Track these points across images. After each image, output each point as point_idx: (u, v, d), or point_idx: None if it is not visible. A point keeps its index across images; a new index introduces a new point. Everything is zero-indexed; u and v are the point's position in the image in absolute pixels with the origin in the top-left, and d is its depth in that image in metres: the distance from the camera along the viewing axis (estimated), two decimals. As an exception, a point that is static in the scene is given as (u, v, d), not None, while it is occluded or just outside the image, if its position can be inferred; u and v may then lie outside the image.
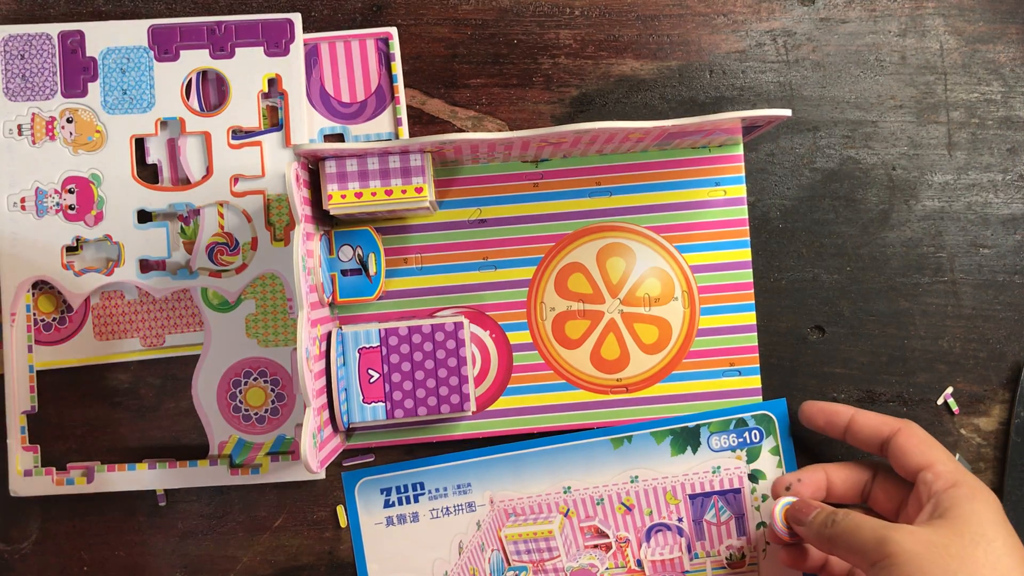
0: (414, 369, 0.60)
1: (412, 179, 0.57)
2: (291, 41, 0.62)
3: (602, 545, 0.63)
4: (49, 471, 0.61)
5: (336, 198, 0.57)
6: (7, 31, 0.61)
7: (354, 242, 0.62)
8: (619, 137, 0.58)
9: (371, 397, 0.59)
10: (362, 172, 0.57)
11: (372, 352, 0.60)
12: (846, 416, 0.59)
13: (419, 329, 0.60)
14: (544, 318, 0.64)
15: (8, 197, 0.61)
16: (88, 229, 0.61)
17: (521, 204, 0.64)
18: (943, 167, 0.63)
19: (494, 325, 0.64)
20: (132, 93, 0.61)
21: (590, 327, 0.64)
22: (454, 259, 0.63)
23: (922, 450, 0.56)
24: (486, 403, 0.63)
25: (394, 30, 0.63)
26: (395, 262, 0.63)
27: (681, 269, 0.64)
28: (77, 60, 0.61)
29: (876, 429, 0.58)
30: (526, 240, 0.64)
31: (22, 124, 0.61)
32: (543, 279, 0.64)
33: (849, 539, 0.53)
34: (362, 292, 0.62)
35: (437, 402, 0.59)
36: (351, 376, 0.59)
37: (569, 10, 0.63)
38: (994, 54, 0.63)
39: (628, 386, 0.63)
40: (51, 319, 0.62)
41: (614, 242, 0.64)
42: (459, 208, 0.64)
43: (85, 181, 0.61)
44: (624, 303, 0.64)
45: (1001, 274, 0.63)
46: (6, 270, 0.61)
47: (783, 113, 0.55)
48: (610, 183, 0.64)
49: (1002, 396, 0.63)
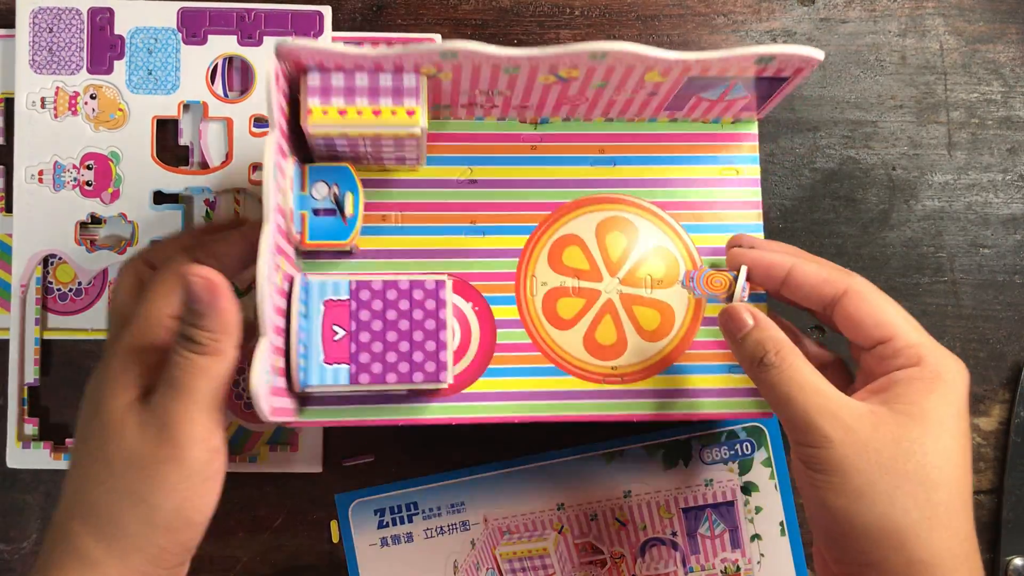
0: (386, 329, 0.52)
1: (404, 100, 0.51)
2: (320, 33, 0.63)
3: (597, 561, 0.62)
4: (47, 445, 0.61)
5: (317, 114, 0.50)
6: (37, 3, 0.62)
7: (330, 179, 0.54)
8: (634, 80, 0.52)
9: (334, 357, 0.52)
10: (348, 88, 0.50)
11: (340, 306, 0.53)
12: (784, 268, 0.51)
13: (395, 284, 0.53)
14: (534, 293, 0.58)
15: (26, 169, 0.62)
16: (104, 206, 0.62)
17: (516, 167, 0.58)
18: (943, 167, 0.63)
19: (478, 296, 0.58)
20: (157, 74, 0.63)
21: (585, 307, 0.58)
22: (438, 220, 0.58)
23: (876, 319, 0.49)
24: (464, 383, 0.57)
25: (438, 36, 0.64)
26: (373, 218, 0.57)
27: (688, 250, 0.58)
28: (105, 37, 0.63)
29: (816, 289, 0.50)
30: (520, 206, 0.58)
31: (45, 97, 0.62)
32: (536, 250, 0.58)
33: (774, 396, 0.48)
34: (335, 235, 0.54)
35: (409, 368, 0.52)
36: (313, 331, 0.52)
37: (569, 10, 0.65)
38: (994, 54, 0.64)
39: (623, 375, 0.57)
40: (67, 289, 0.63)
41: (616, 215, 0.59)
42: (448, 165, 0.58)
43: (104, 158, 0.62)
44: (623, 283, 0.58)
45: (1001, 274, 0.62)
46: (19, 241, 0.62)
47: (814, 54, 0.50)
48: (614, 152, 0.59)
49: (1002, 396, 0.62)
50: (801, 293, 0.51)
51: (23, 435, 0.62)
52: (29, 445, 0.62)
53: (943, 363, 0.47)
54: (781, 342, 0.48)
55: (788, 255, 0.52)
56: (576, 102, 0.56)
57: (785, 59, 0.50)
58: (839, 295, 0.50)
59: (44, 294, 0.63)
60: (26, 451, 0.61)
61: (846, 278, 0.50)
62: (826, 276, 0.50)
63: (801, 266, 0.51)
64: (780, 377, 0.47)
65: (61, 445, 0.62)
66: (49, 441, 0.62)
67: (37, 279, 0.62)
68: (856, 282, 0.50)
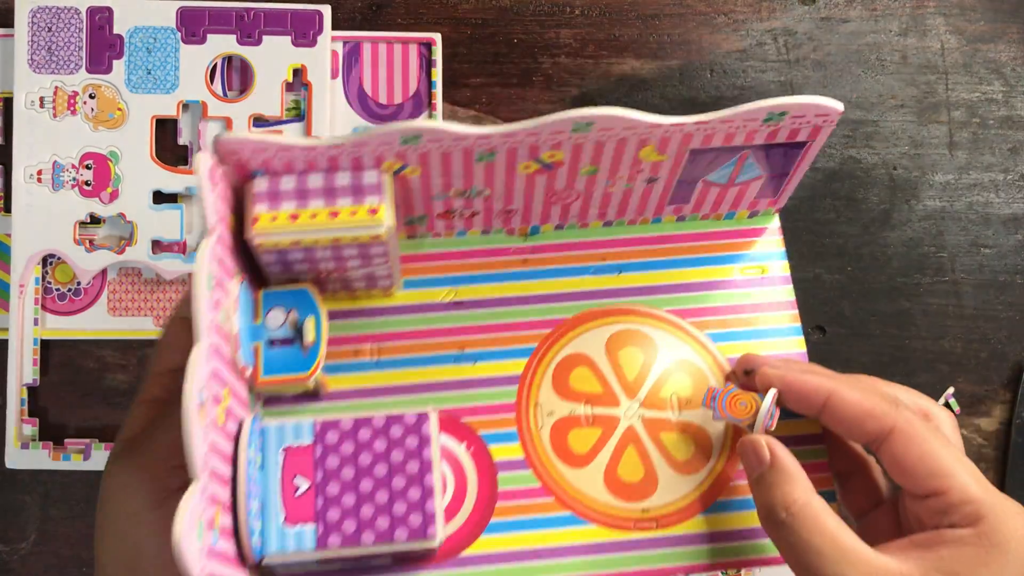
0: (359, 476, 0.43)
1: (365, 198, 0.43)
2: (319, 33, 0.63)
3: None
4: (46, 445, 0.61)
5: (264, 221, 0.42)
6: (36, 2, 0.62)
7: (287, 303, 0.46)
8: (627, 161, 0.46)
9: (296, 516, 0.43)
10: (300, 191, 0.43)
11: (302, 452, 0.44)
12: (820, 396, 0.44)
13: (368, 422, 0.44)
14: (540, 426, 0.49)
15: (25, 169, 0.62)
16: (103, 206, 0.62)
17: (507, 283, 0.51)
18: (944, 167, 0.63)
19: (471, 435, 0.48)
20: (157, 73, 0.63)
21: (602, 438, 0.49)
22: (420, 349, 0.49)
23: (929, 467, 0.40)
24: (461, 544, 0.46)
25: (438, 36, 0.63)
26: (343, 354, 0.49)
27: (716, 362, 0.50)
28: (104, 37, 0.63)
29: (858, 423, 0.43)
30: (514, 326, 0.50)
31: (44, 97, 0.62)
32: (538, 375, 0.50)
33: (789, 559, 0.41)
34: (295, 367, 0.45)
35: (390, 524, 0.42)
36: (270, 486, 0.43)
37: (569, 9, 0.64)
38: (995, 53, 0.64)
39: (657, 519, 0.47)
40: (66, 290, 0.63)
41: (628, 328, 0.50)
42: (427, 288, 0.50)
43: (103, 158, 0.62)
44: (645, 406, 0.49)
45: (1002, 274, 0.62)
46: (18, 241, 0.62)
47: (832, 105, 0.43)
48: (618, 259, 0.51)
49: (1003, 396, 0.62)
50: (842, 427, 0.44)
51: (22, 435, 0.62)
52: (28, 445, 0.61)
53: (1005, 527, 0.39)
54: (796, 492, 0.42)
55: (826, 379, 0.44)
56: (567, 199, 0.49)
57: (799, 113, 0.44)
58: (885, 433, 0.42)
59: (43, 294, 0.63)
60: (25, 451, 0.61)
61: (892, 413, 0.42)
62: (869, 409, 0.42)
63: (840, 394, 0.43)
64: (794, 539, 0.41)
65: (60, 446, 0.62)
66: (48, 441, 0.62)
67: (36, 279, 0.62)
68: (904, 419, 0.42)
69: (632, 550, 0.47)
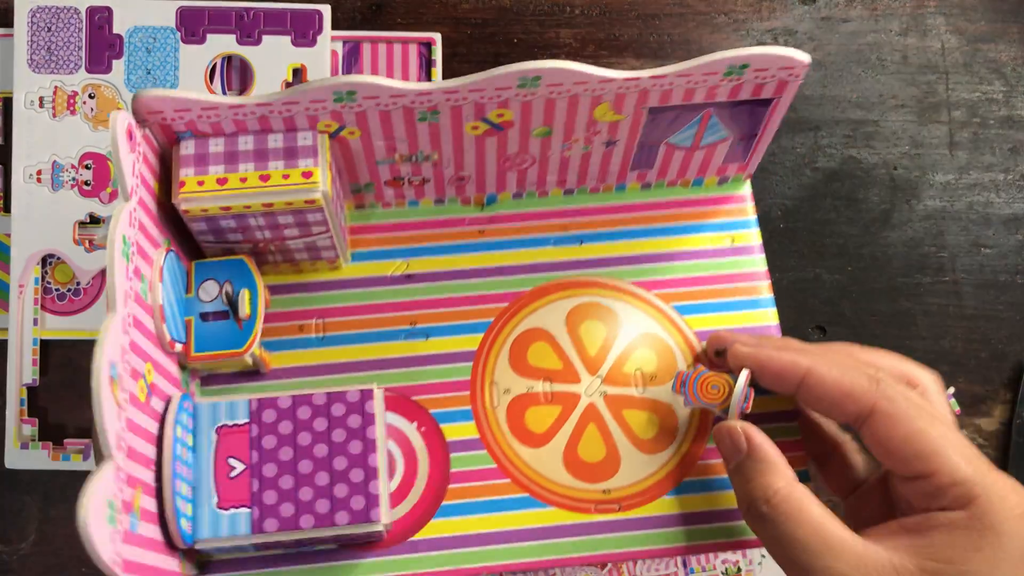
0: (298, 457, 0.41)
1: (299, 161, 0.41)
2: (319, 32, 0.63)
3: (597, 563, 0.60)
4: (46, 446, 0.61)
5: (191, 186, 0.40)
6: (36, 2, 0.62)
7: (221, 275, 0.44)
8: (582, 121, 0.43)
9: (231, 499, 0.40)
10: (230, 153, 0.41)
11: (237, 432, 0.41)
12: (797, 374, 0.41)
13: (308, 400, 0.42)
14: (496, 404, 0.46)
15: (25, 169, 0.62)
16: (103, 206, 0.62)
17: (462, 255, 0.49)
18: (945, 167, 0.63)
19: (423, 414, 0.46)
20: (156, 73, 0.63)
21: (561, 416, 0.46)
22: (369, 325, 0.47)
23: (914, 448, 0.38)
24: (410, 529, 0.44)
25: (438, 36, 0.63)
26: (287, 330, 0.47)
27: (683, 336, 0.48)
28: (103, 36, 0.63)
29: (837, 404, 0.40)
30: (469, 300, 0.48)
31: (44, 97, 0.62)
32: (493, 351, 0.47)
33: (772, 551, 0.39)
34: (229, 343, 0.43)
35: (331, 507, 0.40)
36: (203, 467, 0.41)
37: (569, 9, 0.64)
38: (996, 53, 0.64)
39: (620, 501, 0.45)
40: (66, 290, 0.63)
41: (589, 301, 0.48)
42: (377, 260, 0.48)
43: (103, 158, 0.62)
44: (607, 382, 0.47)
45: (1003, 274, 0.62)
46: (18, 241, 0.62)
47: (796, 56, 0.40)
48: (580, 228, 0.49)
49: (1004, 396, 0.61)
50: (820, 406, 0.41)
51: (21, 436, 0.62)
52: (27, 446, 0.61)
53: (998, 507, 0.36)
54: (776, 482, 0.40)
55: (801, 355, 0.42)
56: (521, 164, 0.47)
57: (761, 66, 0.41)
58: (865, 414, 0.39)
59: (43, 294, 0.63)
60: (25, 452, 0.61)
61: (872, 391, 0.39)
62: (848, 389, 0.40)
63: (818, 372, 0.40)
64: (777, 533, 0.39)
65: (60, 446, 0.62)
66: (48, 442, 0.61)
67: (36, 279, 0.62)
68: (885, 397, 0.39)
69: (593, 533, 0.44)
